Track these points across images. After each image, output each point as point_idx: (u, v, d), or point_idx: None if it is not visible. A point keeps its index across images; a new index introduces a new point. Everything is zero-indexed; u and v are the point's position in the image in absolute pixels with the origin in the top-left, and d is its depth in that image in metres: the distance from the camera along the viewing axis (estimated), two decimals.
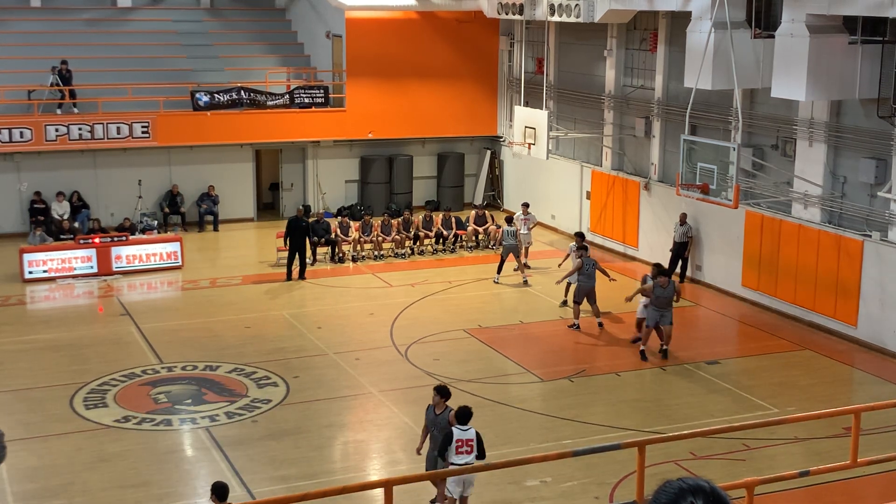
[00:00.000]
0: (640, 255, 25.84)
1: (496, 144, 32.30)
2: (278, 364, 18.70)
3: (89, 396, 17.16)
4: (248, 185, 30.38)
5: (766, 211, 21.93)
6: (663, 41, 24.96)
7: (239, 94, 28.85)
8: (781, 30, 19.16)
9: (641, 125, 25.91)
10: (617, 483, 13.97)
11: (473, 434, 12.30)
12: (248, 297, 23.14)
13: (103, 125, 27.56)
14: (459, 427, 12.32)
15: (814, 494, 13.64)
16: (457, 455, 12.18)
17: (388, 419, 16.45)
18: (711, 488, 3.30)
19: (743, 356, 19.79)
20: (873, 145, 19.64)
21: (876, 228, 19.62)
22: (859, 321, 19.84)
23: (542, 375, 18.20)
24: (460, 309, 22.17)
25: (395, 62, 30.16)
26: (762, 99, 21.95)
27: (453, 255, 26.91)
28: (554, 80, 28.95)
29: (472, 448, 12.21)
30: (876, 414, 14.93)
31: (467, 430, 12.31)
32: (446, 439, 12.26)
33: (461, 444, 12.20)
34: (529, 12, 26.76)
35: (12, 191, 28.02)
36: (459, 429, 12.32)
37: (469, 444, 12.21)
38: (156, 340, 19.99)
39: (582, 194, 28.10)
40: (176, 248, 25.43)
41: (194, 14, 33.45)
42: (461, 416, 12.40)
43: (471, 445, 12.22)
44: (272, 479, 14.24)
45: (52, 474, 14.38)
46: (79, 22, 31.74)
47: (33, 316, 22.35)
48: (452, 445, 12.19)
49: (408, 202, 31.06)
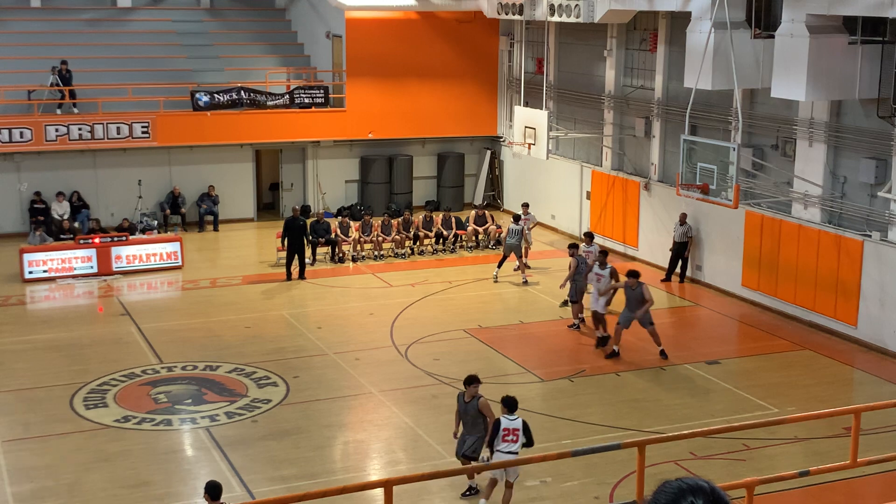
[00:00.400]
0: (641, 255, 25.84)
1: (496, 144, 32.30)
2: (278, 364, 18.70)
3: (89, 396, 17.16)
4: (248, 186, 30.38)
5: (767, 211, 21.93)
6: (663, 41, 24.97)
7: (239, 94, 28.85)
8: (781, 30, 19.16)
9: (641, 125, 25.91)
10: (617, 483, 13.98)
11: (520, 423, 12.69)
12: (248, 297, 23.14)
13: (103, 125, 27.57)
14: (507, 416, 12.71)
15: (814, 494, 13.64)
16: (503, 443, 12.56)
17: (388, 419, 16.45)
18: (711, 488, 3.31)
19: (743, 356, 19.79)
20: (873, 145, 19.64)
21: (876, 228, 19.62)
22: (859, 321, 19.84)
23: (542, 375, 18.20)
24: (460, 309, 22.17)
25: (395, 62, 30.16)
26: (762, 99, 21.95)
27: (453, 255, 26.92)
28: (554, 81, 28.96)
29: (517, 437, 12.59)
30: (876, 414, 14.94)
31: (514, 420, 12.70)
32: (494, 428, 12.64)
33: (507, 433, 12.59)
34: (529, 12, 26.76)
35: (12, 191, 28.03)
36: (507, 418, 12.71)
37: (515, 433, 12.61)
38: (156, 340, 19.99)
39: (582, 194, 28.11)
40: (176, 248, 25.43)
41: (194, 14, 33.45)
42: (508, 404, 12.77)
43: (516, 434, 12.61)
44: (272, 479, 14.24)
45: (52, 474, 14.38)
46: (79, 22, 31.74)
47: (33, 316, 22.36)
48: (499, 434, 12.55)
49: (408, 202, 31.07)
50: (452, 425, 13.79)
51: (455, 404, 13.71)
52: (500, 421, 12.68)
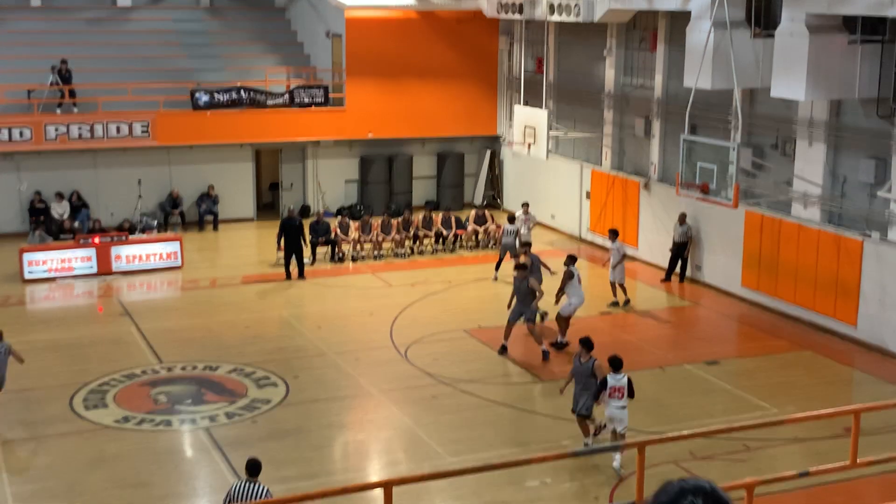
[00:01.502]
0: (640, 255, 25.84)
1: (496, 144, 32.30)
2: (278, 364, 18.69)
3: (89, 397, 17.15)
4: (248, 185, 30.38)
5: (766, 211, 21.92)
6: (663, 41, 24.96)
7: (239, 93, 28.84)
8: (781, 29, 19.15)
9: (641, 125, 25.91)
10: (616, 483, 13.97)
11: (626, 381, 14.25)
12: (247, 297, 23.13)
13: (103, 125, 27.56)
14: (613, 375, 14.23)
15: (813, 495, 13.64)
16: (610, 399, 14.21)
17: (387, 419, 16.44)
18: (712, 488, 3.31)
19: (743, 356, 19.79)
20: (873, 145, 19.63)
21: (876, 228, 19.61)
22: (859, 321, 19.83)
23: (542, 375, 18.19)
24: (460, 309, 22.16)
25: (394, 62, 30.15)
26: (762, 98, 21.94)
27: (453, 254, 26.91)
28: (554, 80, 28.95)
29: (623, 393, 14.17)
30: (876, 414, 14.91)
31: (620, 378, 14.23)
32: (602, 385, 14.28)
33: (613, 391, 14.18)
34: (529, 12, 26.75)
35: (12, 190, 28.01)
36: (613, 376, 14.23)
37: (620, 391, 14.18)
38: (155, 340, 19.98)
39: (582, 194, 28.10)
40: (176, 247, 25.42)
41: (194, 13, 33.45)
42: (614, 364, 14.28)
43: (622, 391, 14.18)
44: (272, 479, 14.20)
45: (52, 475, 14.38)
46: (79, 21, 31.73)
47: (33, 316, 22.35)
48: (606, 390, 14.18)
49: (408, 202, 31.05)
50: (453, 425, 13.83)
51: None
52: (607, 380, 14.21)
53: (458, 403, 16.94)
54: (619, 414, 14.24)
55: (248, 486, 11.12)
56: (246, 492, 11.02)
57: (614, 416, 14.26)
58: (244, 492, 11.05)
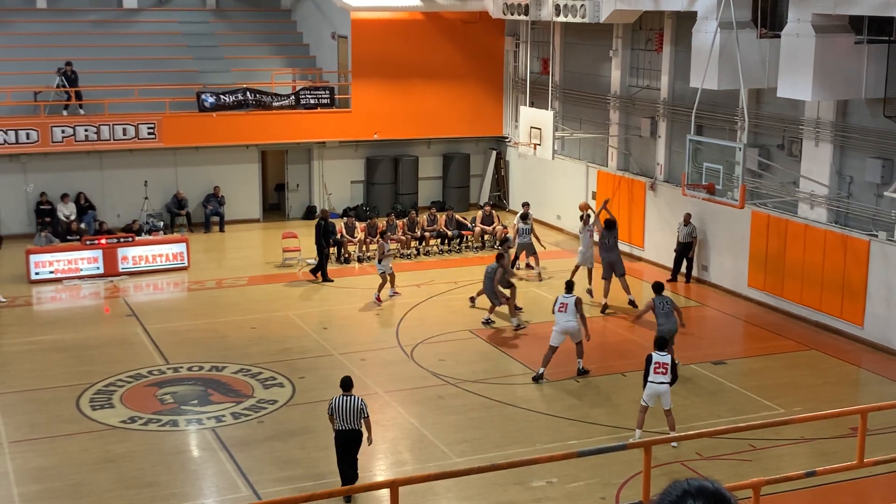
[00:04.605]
0: (646, 256, 25.82)
1: (502, 145, 32.29)
2: (284, 365, 18.71)
3: (96, 397, 17.18)
4: (254, 186, 30.41)
5: (773, 211, 21.89)
6: (669, 41, 24.94)
7: (244, 95, 28.88)
8: (787, 30, 19.13)
9: (647, 125, 25.89)
10: (623, 483, 13.97)
11: (669, 359, 14.99)
12: (253, 297, 23.15)
13: (109, 126, 27.61)
14: (658, 353, 15.00)
15: (820, 495, 13.62)
16: (654, 374, 14.90)
17: (393, 420, 16.44)
18: (715, 489, 3.30)
19: (749, 356, 19.76)
20: (879, 145, 19.60)
21: (882, 228, 19.58)
22: (866, 321, 19.80)
23: (548, 376, 18.18)
24: (466, 309, 22.16)
25: (400, 63, 30.17)
26: (768, 99, 21.92)
27: (459, 255, 26.90)
28: (559, 81, 28.95)
29: (666, 370, 14.86)
30: (882, 414, 14.88)
31: (665, 356, 14.99)
32: (647, 362, 14.98)
33: (658, 366, 14.89)
34: (535, 13, 26.75)
35: (19, 192, 28.07)
36: (658, 353, 15.00)
37: (664, 367, 14.89)
38: (162, 341, 20.01)
39: (588, 194, 28.07)
40: (182, 248, 25.46)
41: (200, 15, 33.50)
42: (659, 343, 15.19)
43: (665, 367, 14.88)
44: (278, 479, 14.25)
45: (59, 475, 14.41)
46: (85, 23, 31.80)
47: (40, 317, 22.39)
48: (651, 366, 14.89)
49: (413, 203, 31.06)
50: (459, 425, 13.87)
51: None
52: (651, 356, 14.95)
53: (464, 403, 16.94)
54: (662, 391, 14.91)
55: (345, 399, 13.61)
56: (344, 403, 13.60)
57: (656, 392, 14.92)
58: (343, 403, 13.60)
